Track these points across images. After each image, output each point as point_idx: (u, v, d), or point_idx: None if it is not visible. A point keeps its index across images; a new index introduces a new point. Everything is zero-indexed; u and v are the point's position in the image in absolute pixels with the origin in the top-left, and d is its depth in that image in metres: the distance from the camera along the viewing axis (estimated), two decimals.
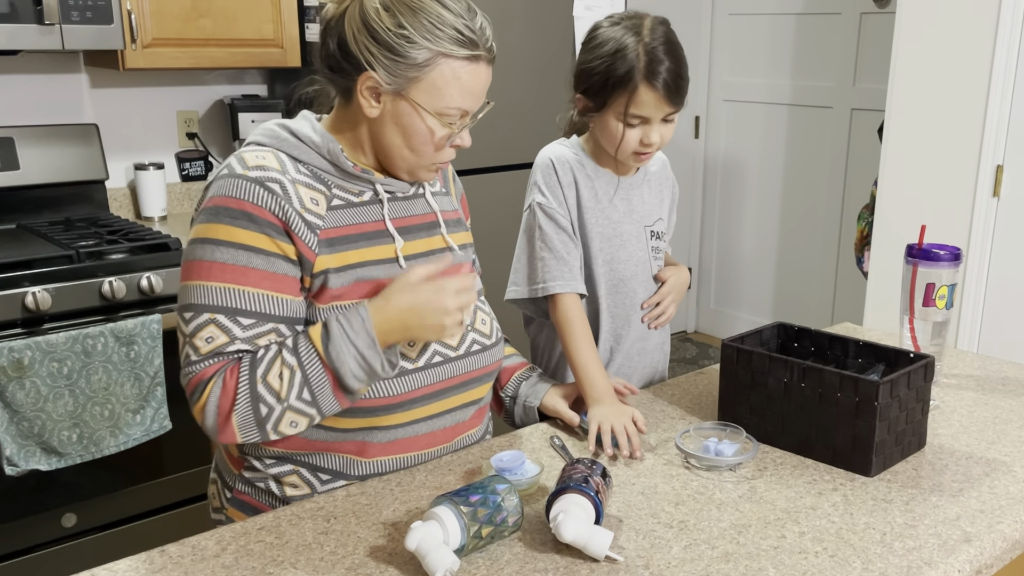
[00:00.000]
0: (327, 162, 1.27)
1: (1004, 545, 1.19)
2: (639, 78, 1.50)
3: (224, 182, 1.21)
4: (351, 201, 1.29)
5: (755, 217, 4.65)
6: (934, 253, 1.66)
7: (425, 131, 1.25)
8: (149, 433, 2.39)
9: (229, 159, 1.25)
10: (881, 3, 3.92)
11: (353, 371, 1.20)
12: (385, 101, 1.24)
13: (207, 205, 1.22)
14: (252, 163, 1.22)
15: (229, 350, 1.20)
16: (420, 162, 1.30)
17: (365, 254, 1.28)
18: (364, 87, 1.23)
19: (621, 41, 1.51)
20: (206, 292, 1.19)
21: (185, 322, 1.20)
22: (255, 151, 1.25)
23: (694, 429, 1.44)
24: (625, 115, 1.53)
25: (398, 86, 1.22)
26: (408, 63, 1.20)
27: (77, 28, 2.44)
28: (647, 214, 1.73)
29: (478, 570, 1.10)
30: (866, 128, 4.02)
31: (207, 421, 1.20)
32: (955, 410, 1.61)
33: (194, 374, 1.20)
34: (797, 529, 1.20)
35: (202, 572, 1.10)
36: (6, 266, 2.24)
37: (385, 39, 1.20)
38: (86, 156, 2.81)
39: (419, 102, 1.23)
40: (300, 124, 1.29)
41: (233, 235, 1.19)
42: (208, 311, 1.19)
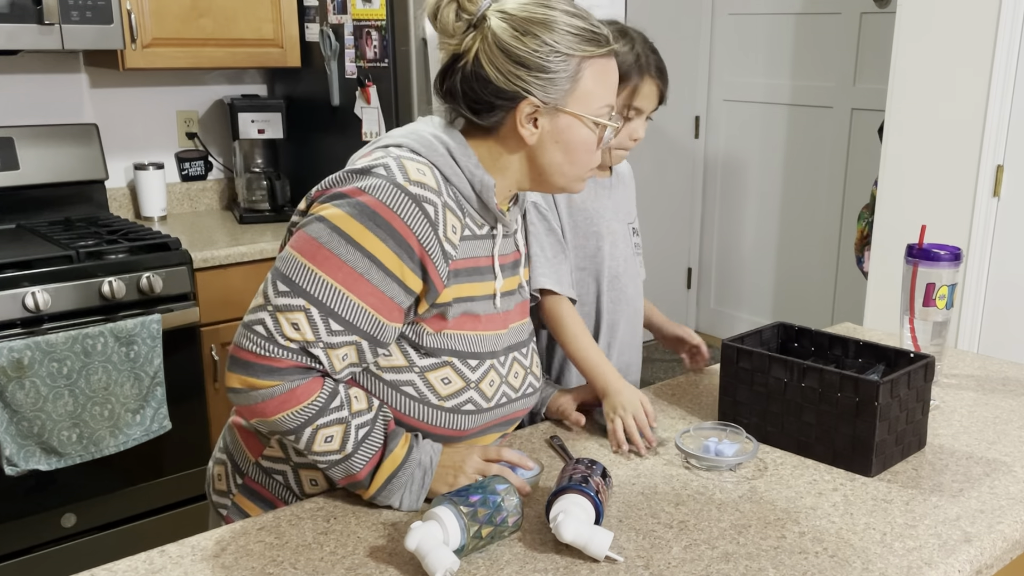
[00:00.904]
0: (473, 192, 1.25)
1: (1004, 545, 1.19)
2: (642, 73, 1.59)
3: (381, 183, 1.16)
4: (475, 232, 1.27)
5: (755, 217, 4.65)
6: (934, 253, 1.66)
7: (589, 138, 1.25)
8: (149, 433, 2.39)
9: (386, 159, 1.19)
10: (881, 3, 3.92)
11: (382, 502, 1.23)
12: (543, 123, 1.23)
13: (355, 196, 1.16)
14: (414, 176, 1.18)
15: (312, 351, 1.15)
16: (579, 173, 1.29)
17: (474, 289, 1.27)
18: (524, 116, 1.21)
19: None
20: (313, 279, 1.14)
21: (276, 291, 1.15)
22: (416, 162, 1.20)
23: (694, 429, 1.44)
24: (626, 108, 1.60)
25: (556, 103, 1.22)
26: (562, 76, 1.20)
27: (77, 28, 2.44)
28: (627, 212, 1.79)
29: (478, 570, 1.10)
30: (866, 128, 4.02)
31: (243, 398, 1.16)
32: (955, 410, 1.61)
33: (273, 356, 1.14)
34: (797, 529, 1.20)
35: (202, 572, 1.10)
36: (6, 266, 2.24)
37: (535, 61, 1.19)
38: (86, 156, 2.81)
39: (578, 111, 1.23)
40: (456, 145, 1.24)
41: (367, 240, 1.15)
42: (307, 299, 1.14)
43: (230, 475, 1.36)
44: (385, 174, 1.17)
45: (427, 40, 2.64)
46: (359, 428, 1.20)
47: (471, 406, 1.27)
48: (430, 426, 1.26)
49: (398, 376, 1.23)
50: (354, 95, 2.83)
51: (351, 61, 2.82)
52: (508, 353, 1.33)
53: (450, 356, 1.24)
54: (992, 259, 2.74)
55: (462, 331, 1.25)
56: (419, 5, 2.62)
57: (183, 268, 2.46)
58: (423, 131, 1.25)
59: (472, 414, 1.27)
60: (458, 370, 1.25)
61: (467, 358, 1.26)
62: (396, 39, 2.67)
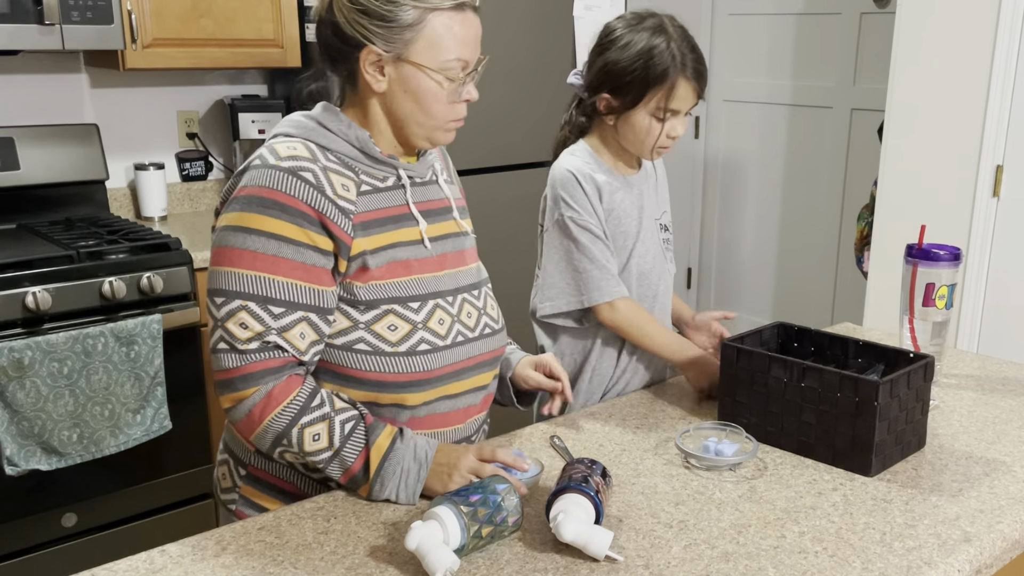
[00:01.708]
0: (355, 149, 1.31)
1: (1004, 545, 1.19)
2: (676, 74, 1.59)
3: (257, 172, 1.24)
4: (377, 186, 1.33)
5: (755, 217, 4.65)
6: (934, 253, 1.66)
7: (434, 88, 1.29)
8: (149, 433, 2.39)
9: (260, 150, 1.28)
10: (881, 3, 3.92)
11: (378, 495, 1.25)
12: (389, 72, 1.28)
13: (239, 194, 1.25)
14: (284, 153, 1.25)
15: (269, 340, 1.22)
16: (436, 123, 1.33)
17: (395, 236, 1.32)
18: (367, 63, 1.27)
19: (651, 41, 1.60)
20: (237, 279, 1.22)
21: (216, 306, 1.23)
22: (285, 142, 1.28)
23: (694, 429, 1.44)
24: (660, 110, 1.61)
25: (397, 52, 1.26)
26: (401, 25, 1.25)
27: (77, 28, 2.44)
28: (655, 208, 1.79)
29: (478, 570, 1.10)
30: (866, 128, 4.02)
31: (235, 413, 1.24)
32: (955, 410, 1.61)
33: (242, 364, 1.22)
34: (797, 529, 1.20)
35: (202, 572, 1.10)
36: (6, 266, 2.24)
37: (375, 10, 1.25)
38: (86, 156, 2.81)
39: (421, 62, 1.27)
40: (325, 114, 1.32)
41: (265, 224, 1.22)
42: (239, 298, 1.21)
43: (233, 470, 1.39)
44: (260, 163, 1.25)
45: None
46: (344, 423, 1.24)
47: (426, 345, 1.31)
48: (394, 374, 1.29)
49: (348, 337, 1.28)
50: None
51: None
52: (456, 294, 1.38)
53: (389, 304, 1.29)
54: (992, 259, 2.74)
55: (394, 279, 1.31)
56: None
57: (183, 268, 2.46)
58: (294, 116, 1.33)
59: (430, 353, 1.31)
60: (401, 315, 1.30)
61: (407, 302, 1.31)
62: None
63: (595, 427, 1.54)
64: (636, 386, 1.78)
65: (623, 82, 1.61)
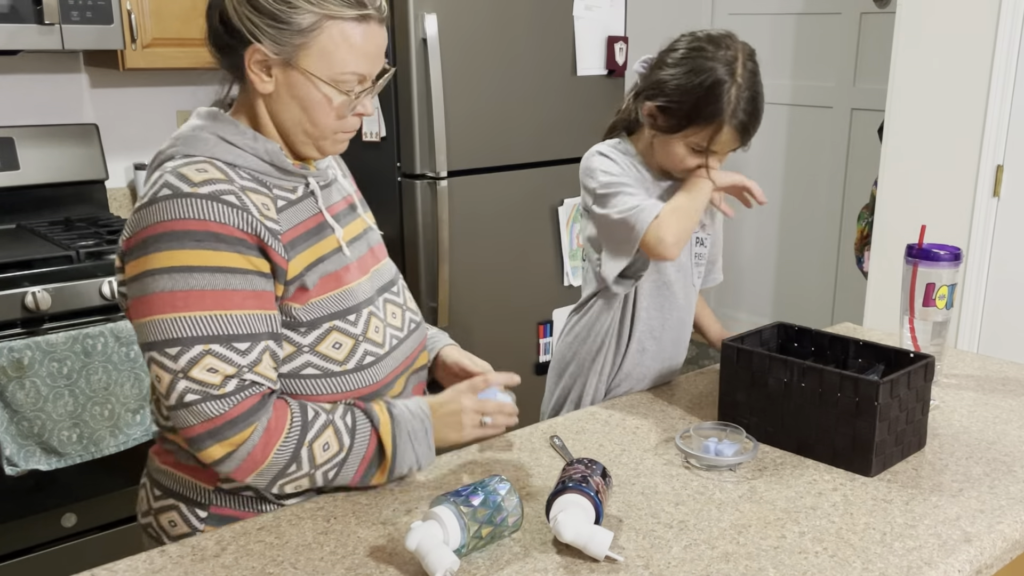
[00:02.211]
0: (265, 163, 1.22)
1: (1004, 545, 1.19)
2: (726, 120, 1.53)
3: (173, 204, 1.11)
4: (290, 199, 1.25)
5: (755, 217, 4.65)
6: (934, 253, 1.66)
7: (322, 100, 1.19)
8: (149, 433, 2.39)
9: (163, 178, 1.14)
10: (881, 3, 3.92)
11: (402, 472, 1.25)
12: (276, 74, 1.18)
13: (156, 232, 1.11)
14: (197, 178, 1.13)
15: (244, 378, 1.14)
16: (323, 134, 1.23)
17: (318, 249, 1.25)
18: (252, 61, 1.18)
19: (716, 76, 1.51)
20: (190, 323, 1.11)
21: (172, 358, 1.11)
22: (192, 164, 1.15)
23: (694, 429, 1.44)
24: (700, 145, 1.56)
25: (287, 55, 1.17)
26: (293, 29, 1.15)
27: (77, 28, 2.44)
28: None
29: (478, 570, 1.10)
30: (866, 128, 4.02)
31: (230, 462, 1.14)
32: (955, 410, 1.61)
33: (227, 409, 1.12)
34: (797, 529, 1.20)
35: (202, 572, 1.10)
36: (6, 266, 2.24)
37: (266, 7, 1.15)
38: (86, 156, 2.81)
39: (311, 70, 1.17)
40: (223, 126, 1.21)
41: (203, 259, 1.11)
42: (200, 343, 1.11)
43: (188, 514, 1.26)
44: (171, 192, 1.13)
45: (427, 40, 2.63)
46: (343, 420, 1.21)
47: (370, 357, 1.27)
48: (344, 393, 1.26)
49: (293, 364, 1.22)
50: None
51: None
52: (379, 296, 1.33)
53: (330, 320, 1.23)
54: (992, 259, 2.74)
55: (329, 293, 1.24)
56: (419, 5, 2.62)
57: None
58: (185, 131, 1.21)
59: (374, 364, 1.27)
60: (343, 330, 1.24)
61: (346, 315, 1.25)
62: (396, 39, 2.67)
63: (595, 427, 1.54)
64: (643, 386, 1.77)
65: (672, 105, 1.55)
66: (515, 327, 3.05)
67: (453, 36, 2.70)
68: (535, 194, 3.03)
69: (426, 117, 2.70)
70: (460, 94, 2.76)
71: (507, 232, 2.98)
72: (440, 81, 2.65)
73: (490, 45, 2.83)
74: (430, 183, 2.75)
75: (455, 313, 2.85)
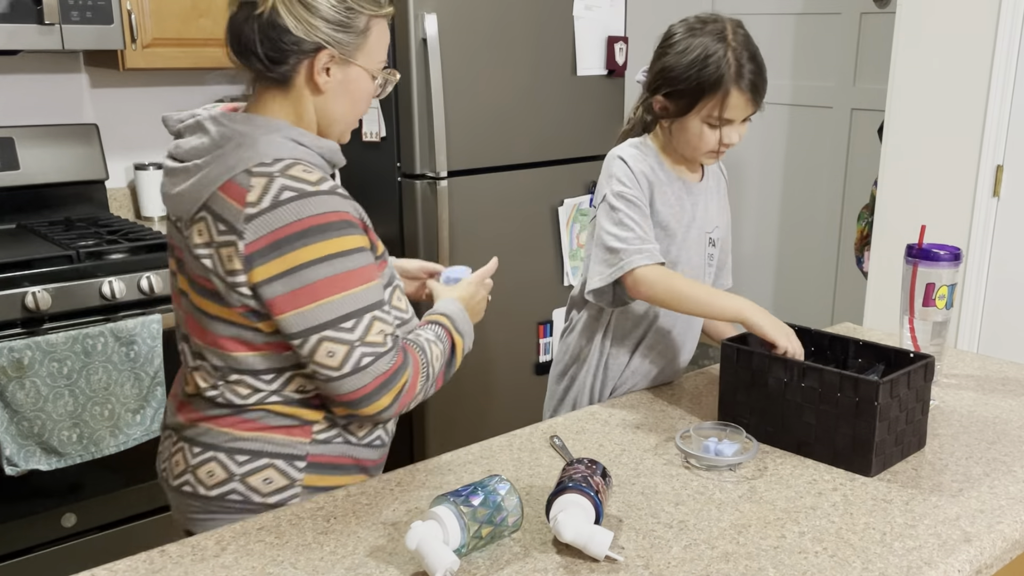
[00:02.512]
0: (322, 160, 1.35)
1: (1004, 545, 1.19)
2: (731, 83, 1.56)
3: (305, 203, 1.24)
4: None
5: (755, 217, 4.65)
6: (934, 253, 1.66)
7: (370, 89, 1.37)
8: (149, 433, 2.39)
9: (277, 182, 1.25)
10: (881, 3, 3.92)
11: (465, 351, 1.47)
12: (335, 73, 1.32)
13: (298, 229, 1.24)
14: (311, 179, 1.26)
15: (395, 335, 1.33)
16: (353, 122, 1.42)
17: None
18: (320, 65, 1.30)
19: (709, 48, 1.57)
20: (357, 298, 1.27)
21: (348, 331, 1.26)
22: (299, 167, 1.27)
23: (694, 429, 1.44)
24: (714, 118, 1.59)
25: (348, 55, 1.32)
26: (354, 32, 1.31)
27: (77, 28, 2.44)
28: (708, 221, 1.76)
29: (478, 570, 1.10)
30: (866, 128, 4.02)
31: (397, 402, 1.31)
32: (955, 410, 1.61)
33: (393, 362, 1.29)
34: (797, 529, 1.20)
35: (202, 572, 1.10)
36: (6, 266, 2.24)
37: (334, 15, 1.29)
38: (86, 156, 2.81)
39: (364, 64, 1.34)
40: (292, 131, 1.32)
41: (347, 244, 1.27)
42: (367, 312, 1.28)
43: (286, 468, 1.36)
44: (296, 193, 1.24)
45: (427, 40, 2.63)
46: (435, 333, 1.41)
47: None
48: None
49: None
50: None
51: None
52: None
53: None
54: (992, 259, 2.74)
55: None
56: (419, 5, 2.62)
57: None
58: (259, 137, 1.29)
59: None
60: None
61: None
62: (396, 39, 2.66)
63: (595, 427, 1.54)
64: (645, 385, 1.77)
65: (677, 88, 1.59)
66: (515, 327, 3.05)
67: (453, 36, 2.70)
68: (535, 194, 3.02)
69: (426, 117, 2.70)
70: (460, 94, 2.76)
71: (507, 232, 2.98)
72: (440, 81, 2.65)
73: (490, 45, 2.83)
74: (430, 183, 2.75)
75: None
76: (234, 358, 1.32)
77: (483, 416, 3.01)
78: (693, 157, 1.69)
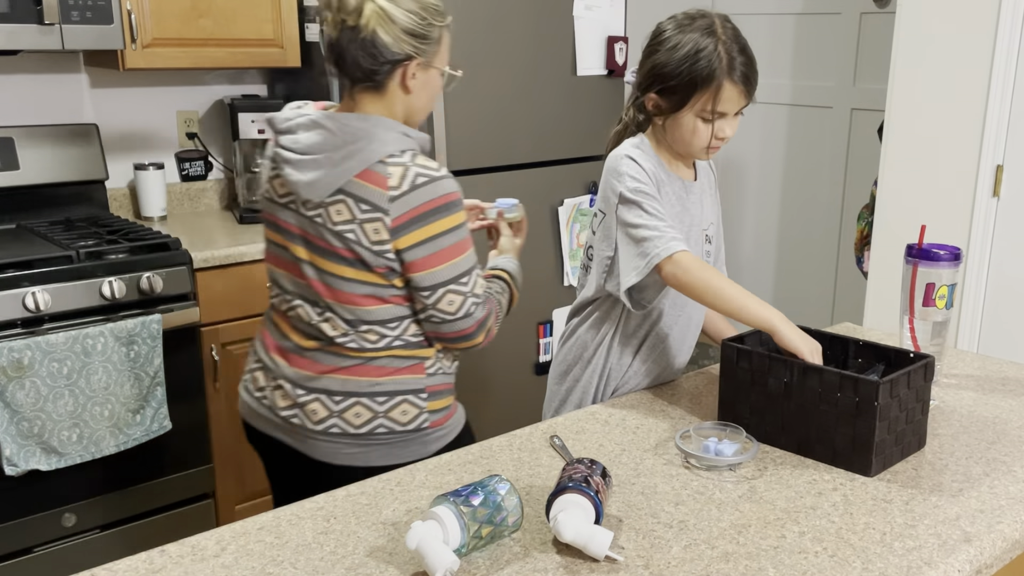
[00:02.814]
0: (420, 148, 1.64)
1: (1004, 545, 1.19)
2: (723, 76, 1.58)
3: (441, 183, 1.57)
4: None
5: (755, 217, 4.65)
6: (934, 253, 1.66)
7: (441, 84, 1.68)
8: (149, 433, 2.39)
9: (413, 168, 1.55)
10: (881, 3, 3.92)
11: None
12: (419, 76, 1.61)
13: (438, 204, 1.56)
14: (434, 165, 1.58)
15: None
16: (428, 114, 1.74)
17: None
18: (410, 71, 1.59)
19: (699, 43, 1.58)
20: (469, 259, 1.62)
21: (465, 284, 1.61)
22: (420, 156, 1.58)
23: (694, 429, 1.44)
24: (707, 112, 1.60)
25: (429, 59, 1.61)
26: (433, 41, 1.61)
27: (77, 28, 2.44)
28: (704, 219, 1.77)
29: (478, 570, 1.10)
30: (866, 128, 4.02)
31: (486, 338, 1.68)
32: (955, 410, 1.61)
33: (487, 308, 1.67)
34: (797, 529, 1.20)
35: (202, 572, 1.10)
36: (6, 266, 2.24)
37: (420, 31, 1.58)
38: (86, 156, 2.81)
39: (439, 65, 1.65)
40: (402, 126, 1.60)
41: (462, 217, 1.60)
42: (474, 270, 1.63)
43: (415, 400, 1.65)
44: (433, 176, 1.56)
45: None
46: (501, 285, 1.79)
47: None
48: None
49: None
50: None
51: None
52: None
53: None
54: (992, 259, 2.74)
55: None
56: None
57: (183, 268, 2.46)
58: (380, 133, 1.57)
59: None
60: None
61: None
62: None
63: (595, 427, 1.54)
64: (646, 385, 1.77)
65: (669, 84, 1.60)
66: (515, 327, 3.05)
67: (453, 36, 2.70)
68: (535, 194, 3.02)
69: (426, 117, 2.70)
70: (460, 94, 2.76)
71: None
72: None
73: (490, 45, 2.83)
74: None
75: None
76: (366, 311, 1.59)
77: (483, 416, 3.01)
78: (688, 153, 1.69)
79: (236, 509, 2.71)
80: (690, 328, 1.81)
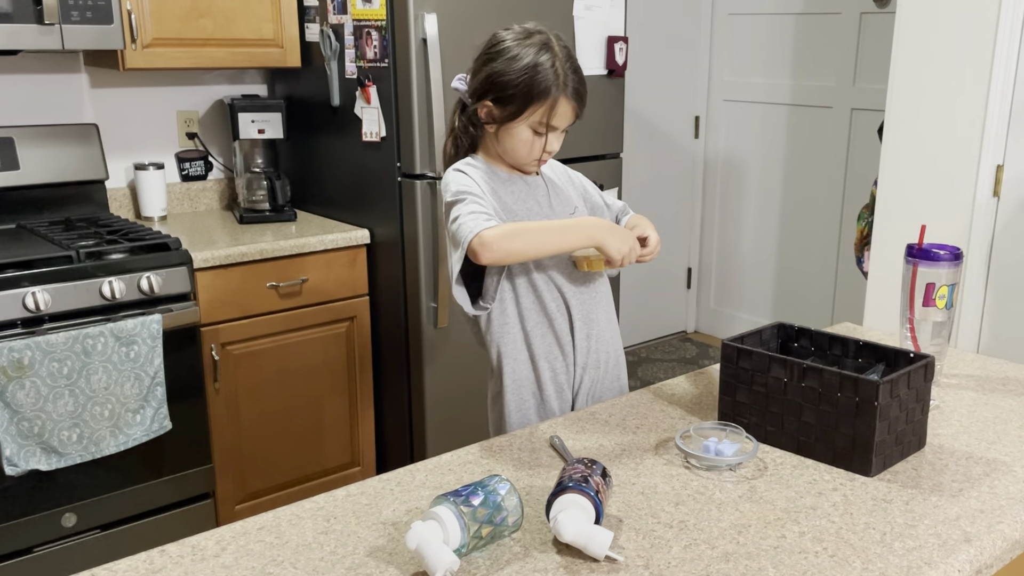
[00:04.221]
0: None
1: (1004, 545, 1.19)
2: (559, 92, 1.62)
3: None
4: None
5: (755, 217, 4.65)
6: (934, 253, 1.66)
7: None
8: (149, 433, 2.39)
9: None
10: (881, 3, 3.92)
11: None
12: None
13: None
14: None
15: None
16: None
17: None
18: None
19: (537, 57, 1.63)
20: None
21: None
22: None
23: (694, 429, 1.44)
24: (541, 124, 1.64)
25: None
26: None
27: (77, 28, 2.44)
28: (565, 205, 1.78)
29: (478, 570, 1.10)
30: (866, 128, 4.02)
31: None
32: (955, 410, 1.61)
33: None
34: (797, 529, 1.20)
35: (202, 572, 1.10)
36: (6, 266, 2.24)
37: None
38: (86, 156, 2.81)
39: None
40: None
41: None
42: None
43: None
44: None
45: (427, 40, 2.63)
46: None
47: None
48: None
49: None
50: (354, 95, 2.83)
51: (351, 61, 2.82)
52: None
53: None
54: (992, 259, 2.74)
55: None
56: (419, 5, 2.62)
57: (183, 268, 2.46)
58: None
59: None
60: None
61: None
62: (396, 39, 2.67)
63: (595, 427, 1.54)
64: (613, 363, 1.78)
65: (507, 93, 1.63)
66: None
67: (453, 36, 2.70)
68: None
69: (426, 117, 2.70)
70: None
71: None
72: (440, 81, 2.65)
73: None
74: (430, 183, 2.75)
75: (455, 313, 2.85)
76: None
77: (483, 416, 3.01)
78: (518, 164, 1.71)
79: (236, 509, 2.71)
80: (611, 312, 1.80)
